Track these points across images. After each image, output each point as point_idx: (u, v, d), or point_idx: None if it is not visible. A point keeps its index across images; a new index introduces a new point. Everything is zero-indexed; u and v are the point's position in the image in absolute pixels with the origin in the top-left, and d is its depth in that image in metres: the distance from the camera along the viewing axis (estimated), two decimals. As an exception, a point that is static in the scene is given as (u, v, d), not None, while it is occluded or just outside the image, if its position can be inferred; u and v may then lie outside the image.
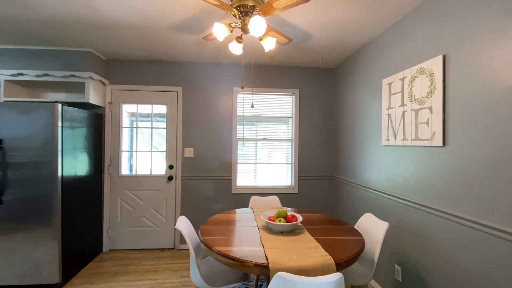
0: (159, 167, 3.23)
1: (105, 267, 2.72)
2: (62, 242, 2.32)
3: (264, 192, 3.28)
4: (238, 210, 2.29)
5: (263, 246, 1.47)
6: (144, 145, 3.24)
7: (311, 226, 1.86)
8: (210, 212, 3.22)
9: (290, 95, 3.35)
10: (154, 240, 3.17)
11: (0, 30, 2.32)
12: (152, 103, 3.20)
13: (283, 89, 3.31)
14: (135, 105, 3.20)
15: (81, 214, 2.64)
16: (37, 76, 2.72)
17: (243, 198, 3.26)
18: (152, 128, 3.22)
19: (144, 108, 3.23)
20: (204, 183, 3.22)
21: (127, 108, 3.21)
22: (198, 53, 2.92)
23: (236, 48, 1.95)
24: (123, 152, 3.17)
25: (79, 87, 3.02)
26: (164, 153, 3.21)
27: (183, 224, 1.84)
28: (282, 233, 1.70)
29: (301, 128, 3.33)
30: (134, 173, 3.20)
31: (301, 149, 3.33)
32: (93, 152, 2.88)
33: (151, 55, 3.01)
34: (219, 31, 1.71)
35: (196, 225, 3.20)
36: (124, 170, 3.19)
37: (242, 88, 2.15)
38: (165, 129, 3.22)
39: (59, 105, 2.30)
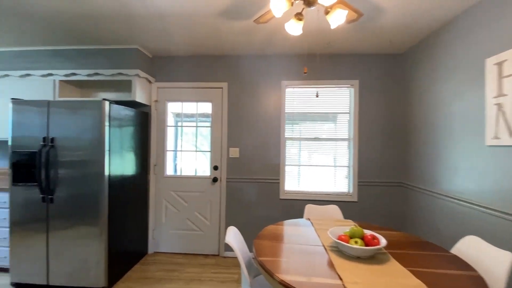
0: (204, 168, 3.05)
1: (150, 271, 2.62)
2: (108, 242, 2.25)
3: (316, 199, 2.88)
4: (293, 221, 1.96)
5: (341, 279, 1.11)
6: (189, 144, 3.10)
7: (395, 250, 1.44)
8: (257, 218, 2.94)
9: (348, 87, 2.90)
10: (198, 245, 3.00)
11: (53, 29, 2.34)
12: (197, 101, 3.04)
13: (339, 81, 2.88)
14: (180, 103, 3.07)
15: (127, 214, 2.57)
16: (88, 75, 2.73)
17: (292, 205, 2.91)
18: (196, 126, 3.07)
19: (189, 107, 3.08)
20: (250, 186, 2.96)
21: (172, 106, 3.10)
22: (245, 44, 2.65)
23: (294, 28, 1.62)
24: (168, 152, 3.07)
25: (127, 86, 2.98)
26: (209, 153, 3.03)
27: (233, 237, 1.57)
28: (358, 258, 1.32)
29: (361, 125, 2.86)
30: (178, 173, 3.08)
31: (362, 150, 2.85)
32: (139, 152, 2.81)
33: (195, 50, 2.84)
34: (278, 4, 1.40)
35: (242, 232, 2.95)
36: (169, 171, 3.08)
37: (305, 73, 1.83)
38: (209, 128, 3.03)
39: (107, 103, 2.23)
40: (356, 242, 1.34)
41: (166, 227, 3.03)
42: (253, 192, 2.95)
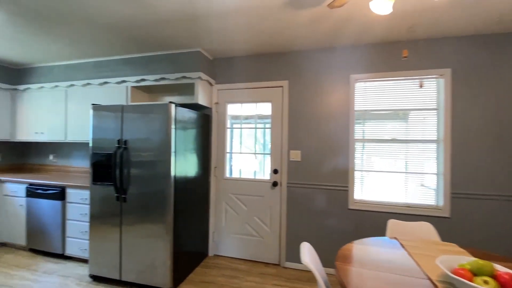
0: (263, 171, 2.91)
1: (211, 275, 2.57)
2: (173, 242, 2.26)
3: (393, 212, 2.46)
4: (376, 240, 1.64)
5: None
6: (248, 146, 2.99)
7: (548, 299, 1.02)
8: (322, 229, 2.66)
9: (435, 77, 2.41)
10: (257, 251, 2.86)
11: (126, 38, 2.47)
12: (256, 101, 2.92)
13: (424, 71, 2.40)
14: (239, 104, 2.99)
15: (190, 215, 2.58)
16: (155, 80, 2.85)
17: (364, 217, 2.54)
18: (255, 128, 2.94)
19: (248, 108, 2.98)
20: (314, 193, 2.69)
21: (232, 108, 3.04)
22: (309, 36, 2.41)
23: (383, 6, 1.33)
24: (227, 154, 3.02)
25: (189, 89, 3.03)
26: (268, 155, 2.87)
27: (309, 256, 1.35)
28: (492, 305, 0.96)
29: (456, 124, 2.34)
30: (237, 176, 2.99)
31: (456, 155, 2.33)
32: (201, 153, 2.81)
33: (255, 49, 2.71)
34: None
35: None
36: (229, 173, 3.03)
37: (404, 57, 1.53)
38: (269, 129, 2.87)
39: (173, 105, 2.25)
40: (486, 283, 0.99)
41: (226, 230, 2.98)
42: (317, 199, 2.68)
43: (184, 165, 2.45)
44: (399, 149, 2.50)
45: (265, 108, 2.91)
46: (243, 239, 2.91)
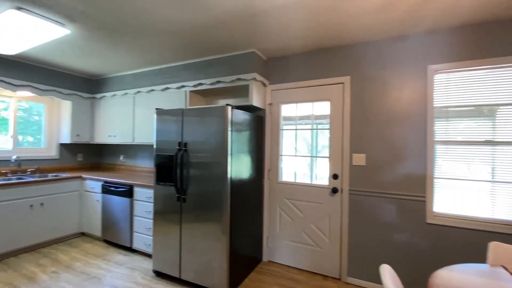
0: (321, 176, 2.70)
1: (266, 283, 2.47)
2: (230, 244, 2.22)
3: (490, 230, 2.00)
4: (474, 268, 1.31)
5: None
6: (303, 149, 2.82)
7: None
8: (392, 245, 2.33)
9: (551, 63, 1.88)
10: (315, 262, 2.66)
11: (185, 44, 2.56)
12: (312, 100, 2.73)
13: (533, 56, 1.91)
14: (294, 104, 2.84)
15: (245, 218, 2.53)
16: (211, 84, 2.90)
17: (446, 233, 2.14)
18: (312, 129, 2.75)
19: (304, 108, 2.81)
20: (382, 202, 2.38)
21: (286, 109, 2.91)
22: (375, 26, 2.14)
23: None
24: (282, 157, 2.90)
25: (243, 91, 3.01)
26: (327, 159, 2.65)
27: (392, 281, 1.12)
28: None
29: None
30: (293, 180, 2.84)
31: None
32: (255, 156, 2.75)
33: (312, 44, 2.54)
34: None
35: (374, 261, 2.41)
36: (283, 176, 2.90)
37: None
38: (328, 130, 2.66)
39: (229, 108, 2.23)
40: None
41: (280, 236, 2.85)
42: (385, 209, 2.36)
43: (239, 167, 2.41)
44: (492, 153, 2.03)
45: (323, 108, 2.70)
46: (299, 247, 2.75)
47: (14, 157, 3.27)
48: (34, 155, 3.62)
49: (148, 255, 2.99)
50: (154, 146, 2.59)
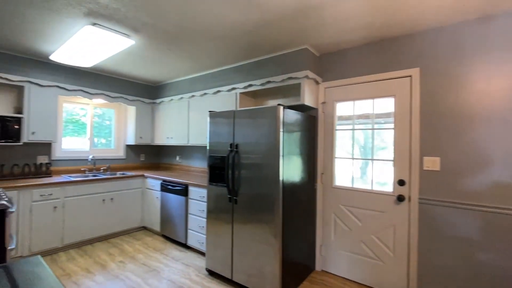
0: (384, 182, 2.42)
1: (321, 294, 2.30)
2: (282, 249, 2.13)
3: None
4: None
5: None
6: (362, 151, 2.57)
7: None
8: (478, 267, 1.93)
9: None
10: (376, 277, 2.39)
11: (236, 47, 2.56)
12: (373, 97, 2.47)
13: None
14: (351, 102, 2.61)
15: (297, 223, 2.41)
16: (261, 84, 2.86)
17: (559, 258, 1.68)
18: (373, 129, 2.49)
19: (362, 106, 2.56)
20: (461, 214, 2.01)
21: (341, 108, 2.70)
22: (451, 6, 1.80)
23: None
24: (336, 159, 2.69)
25: (294, 90, 2.90)
26: (391, 162, 2.36)
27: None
28: None
29: None
30: (350, 185, 2.61)
31: None
32: (307, 158, 2.60)
33: (373, 34, 2.29)
34: None
35: (449, 283, 2.05)
36: (339, 181, 2.69)
37: None
38: (391, 130, 2.36)
39: (281, 108, 2.14)
40: None
41: (335, 245, 2.65)
42: (467, 223, 1.98)
43: (291, 169, 2.31)
44: None
45: (385, 105, 2.42)
46: (356, 259, 2.50)
47: (90, 156, 3.75)
48: (106, 155, 4.09)
49: (202, 253, 3.09)
50: (207, 147, 2.66)
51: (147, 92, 4.34)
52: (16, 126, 2.91)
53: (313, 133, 2.75)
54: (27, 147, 3.26)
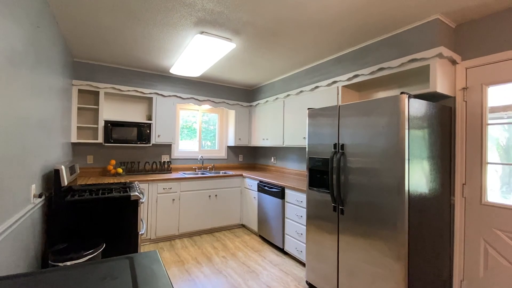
0: None
1: None
2: (408, 275, 1.65)
3: None
4: None
5: None
6: (536, 154, 1.75)
7: None
8: None
9: None
10: None
11: (338, 33, 2.22)
12: (561, 72, 1.63)
13: None
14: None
15: (426, 246, 1.84)
16: (371, 73, 2.40)
17: None
18: (562, 121, 1.64)
19: (535, 87, 1.74)
20: None
21: (496, 94, 1.93)
22: None
23: None
24: (489, 165, 1.94)
25: (416, 77, 2.31)
26: None
27: None
28: None
29: None
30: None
31: None
32: (439, 163, 1.98)
33: None
34: None
35: None
36: (492, 196, 1.93)
37: None
38: None
39: (405, 97, 1.67)
40: None
41: (486, 284, 1.90)
42: None
43: (418, 176, 1.78)
44: None
45: None
46: (530, 312, 1.70)
47: (199, 156, 4.20)
48: (211, 155, 4.51)
49: (300, 262, 2.88)
50: (307, 149, 2.43)
51: (245, 95, 4.53)
52: (148, 131, 3.54)
53: (448, 130, 2.08)
54: (154, 148, 3.93)
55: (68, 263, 1.62)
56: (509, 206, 1.81)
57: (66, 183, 1.96)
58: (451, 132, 2.10)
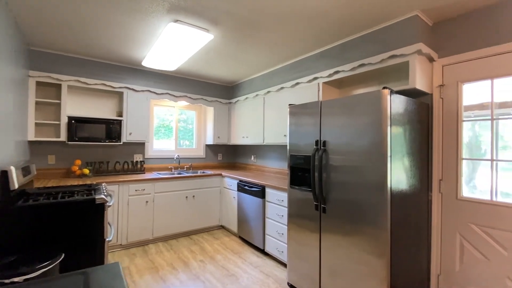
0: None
1: None
2: (390, 273, 1.62)
3: None
4: None
5: None
6: (507, 151, 1.80)
7: None
8: None
9: None
10: (541, 338, 1.60)
11: (322, 29, 2.17)
12: (531, 70, 1.68)
13: None
14: (488, 81, 1.87)
15: (406, 242, 1.84)
16: (352, 69, 2.38)
17: None
18: (531, 117, 1.70)
19: (507, 87, 1.79)
20: None
21: (470, 91, 1.97)
22: None
23: None
24: (464, 161, 1.98)
25: (397, 73, 2.32)
26: None
27: None
28: None
29: None
30: (488, 197, 1.87)
31: None
32: (418, 159, 1.99)
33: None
34: None
35: None
36: (467, 191, 1.97)
37: None
38: None
39: (388, 93, 1.64)
40: None
41: (462, 278, 1.94)
42: None
43: (399, 173, 1.76)
44: None
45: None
46: (502, 303, 1.75)
47: (176, 155, 3.98)
48: (188, 154, 4.30)
49: (281, 263, 2.81)
50: (288, 146, 2.36)
51: (224, 92, 4.38)
52: (118, 128, 3.27)
53: (426, 126, 2.10)
54: (125, 147, 3.66)
55: (16, 279, 1.40)
56: (484, 200, 1.85)
57: (16, 186, 1.71)
58: (428, 129, 2.12)
